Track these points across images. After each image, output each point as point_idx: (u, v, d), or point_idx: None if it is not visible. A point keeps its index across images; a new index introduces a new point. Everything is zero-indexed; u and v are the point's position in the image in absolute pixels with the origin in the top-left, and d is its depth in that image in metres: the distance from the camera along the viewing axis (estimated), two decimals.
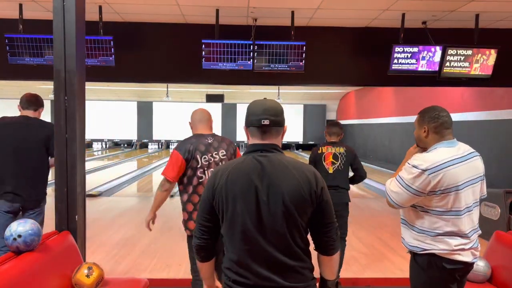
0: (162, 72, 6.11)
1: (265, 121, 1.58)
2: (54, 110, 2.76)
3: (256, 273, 1.53)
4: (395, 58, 5.50)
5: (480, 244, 2.22)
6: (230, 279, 1.58)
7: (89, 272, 2.50)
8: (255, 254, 1.53)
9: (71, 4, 2.70)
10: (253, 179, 1.54)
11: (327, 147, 3.84)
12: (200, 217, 1.64)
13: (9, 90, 19.81)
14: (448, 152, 2.07)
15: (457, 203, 2.04)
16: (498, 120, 8.75)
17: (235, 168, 1.58)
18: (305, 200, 1.53)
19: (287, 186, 1.52)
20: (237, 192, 1.54)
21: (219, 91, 17.63)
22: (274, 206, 1.52)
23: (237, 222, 1.54)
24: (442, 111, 2.20)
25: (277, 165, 1.56)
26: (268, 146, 1.60)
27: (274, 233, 1.52)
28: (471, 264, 2.15)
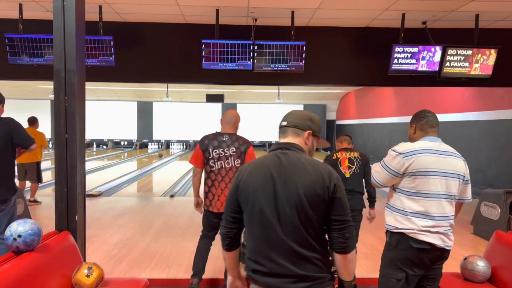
0: (162, 72, 6.11)
1: (283, 122, 1.79)
2: (54, 110, 2.76)
3: (273, 260, 1.61)
4: (395, 58, 5.50)
5: (480, 244, 2.23)
6: (250, 269, 1.69)
7: (89, 272, 2.49)
8: (272, 242, 1.63)
9: (71, 4, 2.70)
10: (271, 173, 1.66)
11: (341, 152, 3.89)
12: (227, 208, 1.77)
13: (9, 90, 19.82)
14: (427, 144, 2.35)
15: (427, 186, 2.28)
16: (498, 120, 8.75)
17: (257, 163, 1.75)
18: (318, 195, 1.61)
19: (301, 180, 1.62)
20: (256, 184, 1.67)
21: (219, 91, 17.64)
22: (289, 199, 1.62)
23: (256, 212, 1.65)
24: (428, 112, 2.50)
25: (294, 161, 1.68)
26: (288, 145, 1.74)
27: (289, 223, 1.61)
28: (440, 248, 2.32)
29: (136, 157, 18.63)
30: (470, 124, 9.83)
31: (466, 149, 10.03)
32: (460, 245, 4.94)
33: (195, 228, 5.54)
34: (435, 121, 2.45)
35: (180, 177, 11.47)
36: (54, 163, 2.83)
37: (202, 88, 17.28)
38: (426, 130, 2.43)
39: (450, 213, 2.35)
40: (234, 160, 3.38)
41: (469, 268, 2.94)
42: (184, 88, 17.42)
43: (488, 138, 9.18)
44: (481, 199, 5.40)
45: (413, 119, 2.52)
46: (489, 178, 9.09)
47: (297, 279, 1.60)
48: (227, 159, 3.36)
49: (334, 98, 21.23)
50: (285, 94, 18.62)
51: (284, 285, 1.60)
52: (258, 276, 1.65)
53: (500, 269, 2.89)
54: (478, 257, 2.97)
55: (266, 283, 1.63)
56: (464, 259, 3.01)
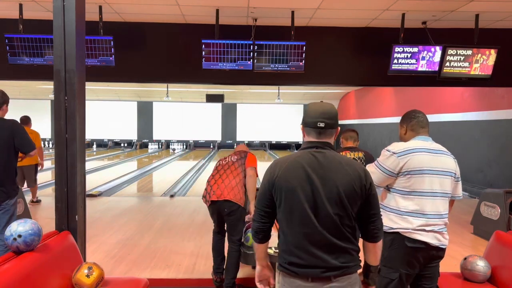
0: (162, 72, 6.11)
1: (321, 124, 1.79)
2: (54, 110, 2.76)
3: (311, 253, 1.72)
4: (395, 58, 5.50)
5: (480, 244, 2.24)
6: (286, 261, 1.77)
7: (89, 272, 2.49)
8: (311, 236, 1.73)
9: (71, 4, 2.70)
10: (308, 171, 1.74)
11: (345, 152, 3.78)
12: (260, 204, 1.84)
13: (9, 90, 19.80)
14: (420, 143, 2.39)
15: (421, 184, 2.31)
16: (498, 120, 8.75)
17: (293, 161, 1.79)
18: (356, 193, 1.75)
19: (341, 179, 1.74)
20: (295, 182, 1.74)
21: (219, 91, 17.62)
22: (329, 196, 1.72)
23: (296, 209, 1.74)
24: (418, 112, 2.53)
25: (331, 160, 1.77)
26: (323, 144, 1.81)
27: (328, 219, 1.72)
28: (435, 247, 2.34)
29: (136, 157, 18.63)
30: (470, 124, 9.82)
31: (466, 149, 10.03)
32: (460, 245, 4.94)
33: (195, 228, 5.54)
34: (425, 121, 2.49)
35: (180, 177, 11.47)
36: (54, 163, 2.83)
37: (202, 88, 17.26)
38: (417, 130, 2.47)
39: (445, 211, 2.39)
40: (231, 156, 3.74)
41: (469, 268, 2.94)
42: (184, 88, 17.40)
43: (488, 138, 9.17)
44: (481, 199, 5.40)
45: (403, 120, 2.55)
46: (489, 178, 9.09)
47: (333, 268, 1.73)
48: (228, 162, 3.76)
49: (334, 98, 21.21)
50: (285, 94, 18.60)
51: (321, 274, 1.72)
52: (295, 268, 1.74)
53: (500, 269, 2.89)
54: (478, 257, 2.97)
55: (304, 273, 1.73)
56: (464, 259, 3.01)
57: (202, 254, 4.35)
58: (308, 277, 1.73)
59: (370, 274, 1.90)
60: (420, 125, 2.47)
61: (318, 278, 1.73)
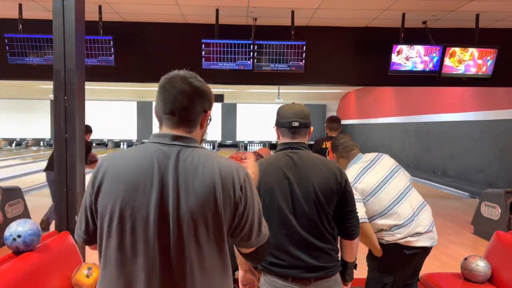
0: (162, 72, 6.02)
1: (295, 123, 1.81)
2: (54, 110, 2.75)
3: (291, 254, 1.73)
4: (395, 58, 5.50)
5: (480, 244, 2.24)
6: (267, 262, 1.76)
7: (89, 272, 2.49)
8: (290, 237, 1.74)
9: (71, 4, 2.69)
10: (286, 173, 1.76)
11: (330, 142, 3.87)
12: None
13: (9, 90, 19.80)
14: (357, 167, 2.47)
15: (387, 196, 2.38)
16: (498, 120, 8.74)
17: (270, 164, 1.81)
18: (332, 190, 1.76)
19: (317, 178, 1.75)
20: (273, 184, 1.76)
21: (219, 91, 17.61)
22: (306, 196, 1.74)
23: (274, 210, 1.75)
24: (340, 139, 2.63)
25: (306, 160, 1.79)
26: (298, 144, 1.82)
27: (306, 219, 1.74)
28: (429, 248, 2.42)
29: None
30: (470, 124, 9.81)
31: (466, 149, 10.02)
32: (460, 245, 4.94)
33: None
34: (350, 143, 2.58)
35: None
36: (54, 163, 2.83)
37: None
38: (347, 156, 2.57)
39: (420, 200, 2.46)
40: None
41: (469, 268, 2.93)
42: None
43: (488, 138, 9.16)
44: (481, 199, 5.40)
45: (332, 150, 2.66)
46: (489, 178, 9.08)
47: (313, 269, 1.74)
48: None
49: (334, 98, 21.20)
50: (285, 94, 18.59)
51: (301, 274, 1.73)
52: (275, 268, 1.75)
53: (500, 269, 2.89)
54: (479, 257, 2.97)
55: (284, 274, 1.74)
56: (464, 259, 3.01)
57: None
58: (288, 277, 1.74)
59: (347, 271, 1.91)
60: (347, 150, 2.57)
61: (298, 279, 1.73)
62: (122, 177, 1.17)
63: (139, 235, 1.14)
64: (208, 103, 1.31)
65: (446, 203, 7.61)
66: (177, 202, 1.14)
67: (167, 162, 1.17)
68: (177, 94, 1.23)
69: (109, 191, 1.17)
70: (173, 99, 1.23)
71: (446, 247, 4.85)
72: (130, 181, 1.16)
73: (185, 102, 1.23)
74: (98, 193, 1.19)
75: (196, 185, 1.15)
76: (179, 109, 1.23)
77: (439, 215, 6.54)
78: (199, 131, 1.29)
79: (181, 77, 1.27)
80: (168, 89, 1.25)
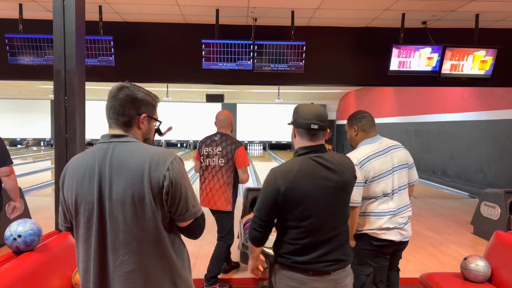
0: (162, 72, 6.11)
1: (314, 126, 1.84)
2: (54, 110, 2.76)
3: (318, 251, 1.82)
4: (395, 58, 5.50)
5: (480, 244, 2.24)
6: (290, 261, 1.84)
7: None
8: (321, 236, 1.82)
9: (71, 4, 2.70)
10: (318, 179, 1.81)
11: None
12: (263, 214, 1.85)
13: (9, 90, 19.80)
14: (369, 148, 2.51)
15: (383, 186, 2.46)
16: (498, 120, 8.75)
17: (299, 171, 1.81)
18: (352, 186, 1.94)
19: (346, 177, 1.87)
20: (305, 190, 1.79)
21: (219, 91, 17.62)
22: (340, 195, 1.86)
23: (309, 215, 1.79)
24: (365, 112, 2.64)
25: (332, 162, 1.86)
26: (319, 147, 1.88)
27: (338, 217, 1.87)
28: (398, 242, 2.52)
29: None
30: (470, 124, 9.82)
31: (466, 149, 10.03)
32: (460, 245, 4.95)
33: None
34: (373, 120, 2.63)
35: None
36: (54, 163, 2.83)
37: (202, 88, 17.26)
38: (367, 131, 2.58)
39: (406, 203, 2.56)
40: (218, 159, 3.49)
41: (469, 268, 2.93)
42: (184, 88, 17.40)
43: (488, 138, 9.17)
44: (481, 199, 5.40)
45: (352, 121, 2.63)
46: (489, 178, 9.09)
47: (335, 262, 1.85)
48: (213, 157, 3.51)
49: (334, 98, 21.21)
50: (285, 94, 18.60)
51: (323, 268, 1.82)
52: (297, 264, 1.83)
53: (500, 269, 2.89)
54: (478, 257, 2.97)
55: (305, 268, 1.82)
56: (464, 259, 3.01)
57: (202, 255, 4.34)
58: (309, 271, 1.81)
59: None
60: (370, 125, 2.59)
61: (319, 272, 1.82)
62: (74, 173, 1.47)
63: (90, 216, 1.42)
64: (144, 107, 1.54)
65: (446, 203, 7.61)
66: (110, 186, 1.40)
67: (106, 156, 1.43)
68: (113, 102, 1.49)
69: (68, 185, 1.47)
70: (110, 106, 1.49)
71: (446, 247, 4.85)
72: (79, 175, 1.45)
73: (118, 107, 1.48)
74: (63, 188, 1.49)
75: (124, 170, 1.40)
76: (114, 113, 1.49)
77: (439, 215, 6.55)
78: (137, 131, 1.53)
79: (117, 87, 1.51)
80: (108, 99, 1.50)
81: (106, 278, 1.42)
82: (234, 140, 3.54)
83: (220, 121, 3.60)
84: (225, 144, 3.48)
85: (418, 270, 3.80)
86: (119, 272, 1.40)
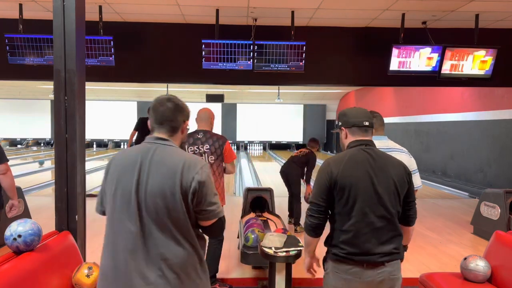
0: (162, 72, 6.11)
1: (366, 123, 2.06)
2: (54, 110, 2.76)
3: (368, 242, 1.91)
4: (395, 58, 5.50)
5: (480, 244, 2.24)
6: (343, 251, 1.94)
7: (89, 272, 2.49)
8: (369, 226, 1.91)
9: (71, 4, 2.70)
10: (367, 167, 1.95)
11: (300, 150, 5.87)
12: (318, 199, 1.98)
13: (9, 90, 19.80)
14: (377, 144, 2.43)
15: None
16: (498, 120, 8.75)
17: (350, 159, 1.99)
18: (405, 181, 1.99)
19: (394, 171, 1.98)
20: (356, 177, 1.93)
21: (219, 91, 17.62)
22: (387, 188, 1.94)
23: (357, 201, 1.92)
24: (375, 112, 2.73)
25: (381, 155, 2.02)
26: (369, 142, 2.05)
27: (385, 209, 1.93)
28: None
29: None
30: (470, 124, 9.82)
31: (466, 149, 10.03)
32: (460, 245, 4.95)
33: None
34: (382, 120, 2.72)
35: None
36: (54, 163, 2.83)
37: (202, 88, 17.26)
38: (377, 129, 2.62)
39: None
40: (208, 156, 3.47)
41: (469, 268, 2.94)
42: (184, 88, 17.40)
43: (488, 138, 9.17)
44: (481, 199, 5.40)
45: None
46: (489, 178, 9.09)
47: (387, 254, 1.93)
48: (202, 156, 3.44)
49: (334, 98, 21.21)
50: (285, 94, 18.60)
51: (376, 259, 1.91)
52: (351, 256, 1.93)
53: (500, 269, 2.89)
54: (478, 257, 2.97)
55: (360, 260, 1.92)
56: (464, 259, 3.01)
57: None
58: (363, 263, 1.92)
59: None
60: (380, 124, 2.69)
61: (372, 264, 1.92)
62: (119, 163, 1.72)
63: (127, 202, 1.63)
64: (186, 116, 1.82)
65: (446, 203, 7.61)
66: (147, 179, 1.63)
67: (148, 153, 1.68)
68: (163, 110, 1.75)
69: (112, 173, 1.72)
70: (161, 113, 1.75)
71: (445, 247, 4.85)
72: (123, 165, 1.69)
73: (169, 114, 1.75)
74: (107, 175, 1.73)
75: (161, 167, 1.64)
76: (164, 119, 1.75)
77: (439, 215, 6.55)
78: (179, 135, 1.80)
79: (165, 98, 1.78)
80: (156, 108, 1.76)
81: (136, 259, 1.60)
82: (219, 135, 3.53)
83: (202, 118, 3.56)
84: (212, 141, 3.47)
85: (418, 270, 3.80)
86: (150, 254, 1.60)
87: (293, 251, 3.04)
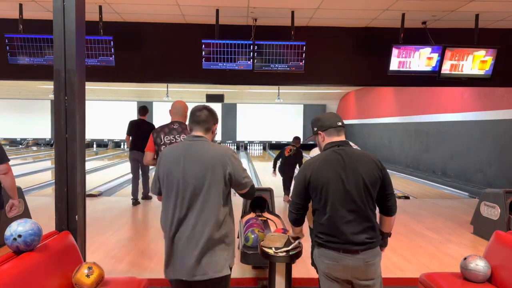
0: (162, 72, 6.11)
1: (339, 123, 2.29)
2: (54, 110, 2.76)
3: (343, 232, 2.13)
4: (395, 58, 5.50)
5: (480, 244, 2.24)
6: (323, 239, 2.20)
7: (89, 272, 2.49)
8: (342, 219, 2.13)
9: (71, 4, 2.70)
10: (337, 167, 2.16)
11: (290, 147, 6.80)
12: (296, 198, 2.27)
13: (9, 90, 19.80)
14: None
15: None
16: (498, 120, 8.75)
17: (322, 161, 2.21)
18: (376, 177, 2.17)
19: (363, 168, 2.16)
20: (327, 179, 2.15)
21: (219, 91, 17.62)
22: (356, 183, 2.13)
23: (330, 198, 2.15)
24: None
25: (351, 155, 2.20)
26: (342, 142, 2.26)
27: (356, 203, 2.13)
28: None
29: None
30: (470, 124, 9.82)
31: (466, 149, 10.03)
32: (460, 245, 4.95)
33: None
34: None
35: None
36: (54, 163, 2.83)
37: (202, 88, 17.26)
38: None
39: None
40: None
41: (469, 268, 2.93)
42: (184, 88, 17.41)
43: (488, 138, 9.17)
44: (481, 199, 5.40)
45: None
46: (489, 178, 9.09)
47: (361, 243, 2.14)
48: None
49: (334, 98, 21.22)
50: (285, 94, 18.61)
51: (351, 247, 2.13)
52: (330, 244, 2.17)
53: (500, 269, 2.89)
54: (478, 257, 2.97)
55: (336, 247, 2.15)
56: (464, 259, 3.01)
57: None
58: (339, 249, 2.15)
59: (384, 240, 2.34)
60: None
61: (348, 251, 2.14)
62: (170, 155, 2.29)
63: (175, 186, 2.22)
64: (216, 120, 2.38)
65: (445, 203, 7.61)
66: (190, 168, 2.20)
67: (189, 148, 2.25)
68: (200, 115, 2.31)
69: (165, 164, 2.28)
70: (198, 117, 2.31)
71: (445, 247, 4.85)
72: (172, 157, 2.27)
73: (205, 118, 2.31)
74: (160, 166, 2.31)
75: (199, 158, 2.22)
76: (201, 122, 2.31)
77: (438, 215, 6.55)
78: (211, 135, 2.36)
79: (202, 106, 2.36)
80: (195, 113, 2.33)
81: (183, 224, 2.20)
82: None
83: (176, 110, 3.69)
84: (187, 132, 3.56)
85: (418, 270, 3.80)
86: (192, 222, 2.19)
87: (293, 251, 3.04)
